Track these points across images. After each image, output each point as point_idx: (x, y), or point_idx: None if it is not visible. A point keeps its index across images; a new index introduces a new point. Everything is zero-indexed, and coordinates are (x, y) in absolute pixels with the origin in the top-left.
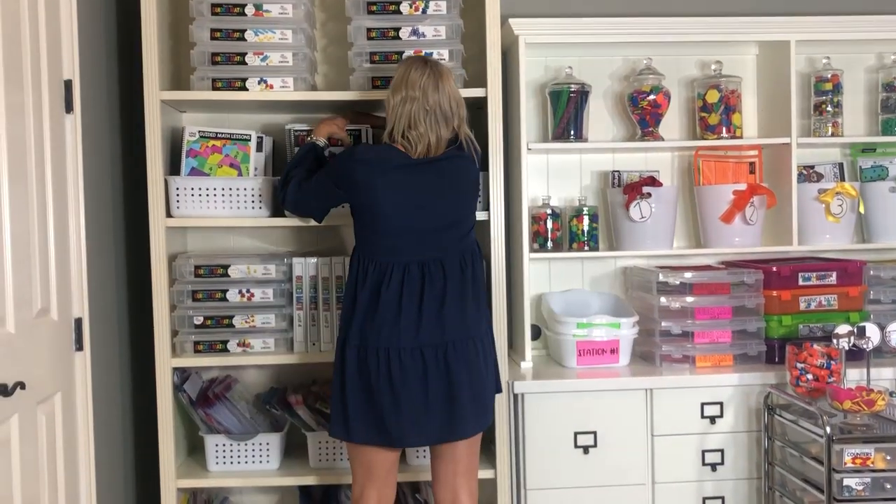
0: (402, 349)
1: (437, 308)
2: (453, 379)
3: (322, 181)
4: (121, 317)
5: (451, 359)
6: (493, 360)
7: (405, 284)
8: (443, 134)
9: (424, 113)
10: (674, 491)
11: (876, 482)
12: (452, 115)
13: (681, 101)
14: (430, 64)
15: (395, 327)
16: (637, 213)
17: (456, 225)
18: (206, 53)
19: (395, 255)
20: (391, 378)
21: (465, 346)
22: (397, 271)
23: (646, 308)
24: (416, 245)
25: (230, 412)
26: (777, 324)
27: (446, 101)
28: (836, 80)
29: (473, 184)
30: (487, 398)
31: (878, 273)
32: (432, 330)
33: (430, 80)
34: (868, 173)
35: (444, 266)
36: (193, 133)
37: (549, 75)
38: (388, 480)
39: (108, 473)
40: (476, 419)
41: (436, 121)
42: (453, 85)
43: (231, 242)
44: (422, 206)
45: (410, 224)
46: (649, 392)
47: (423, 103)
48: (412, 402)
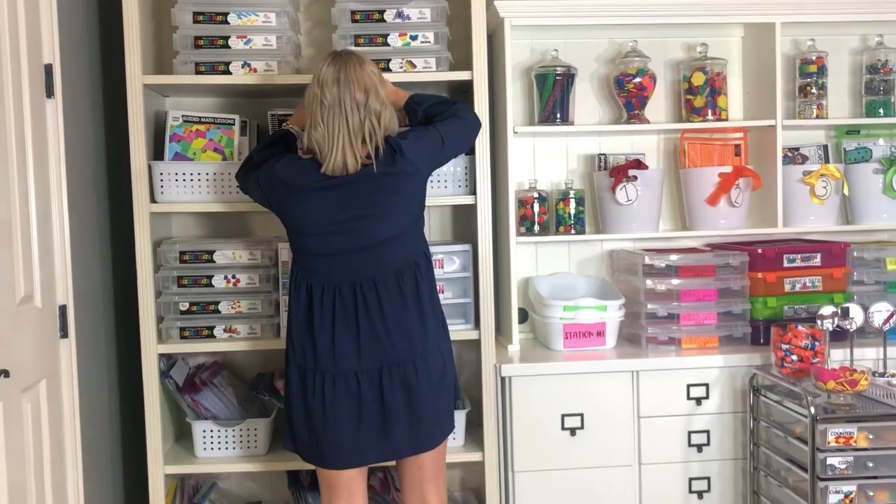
0: (336, 374)
1: (373, 331)
2: (388, 404)
3: (256, 183)
4: (106, 303)
5: (385, 383)
6: (440, 374)
7: (337, 308)
8: (351, 130)
9: (322, 109)
10: (660, 472)
11: (858, 460)
12: (359, 106)
13: (666, 83)
14: (334, 55)
15: (330, 352)
16: (623, 196)
17: (389, 241)
18: (189, 37)
19: (325, 276)
20: (324, 402)
21: (402, 369)
22: (328, 293)
23: (632, 291)
24: (345, 265)
25: (217, 398)
26: (762, 305)
27: (348, 95)
28: (821, 62)
29: (406, 195)
30: (432, 416)
31: (862, 254)
32: (368, 354)
33: (330, 72)
34: (852, 155)
35: (377, 285)
36: (177, 117)
37: (535, 58)
38: (354, 492)
39: (95, 461)
40: (418, 440)
41: (333, 117)
42: (366, 74)
43: (216, 228)
44: (347, 227)
45: (337, 245)
46: (635, 374)
47: (322, 98)
48: (344, 427)
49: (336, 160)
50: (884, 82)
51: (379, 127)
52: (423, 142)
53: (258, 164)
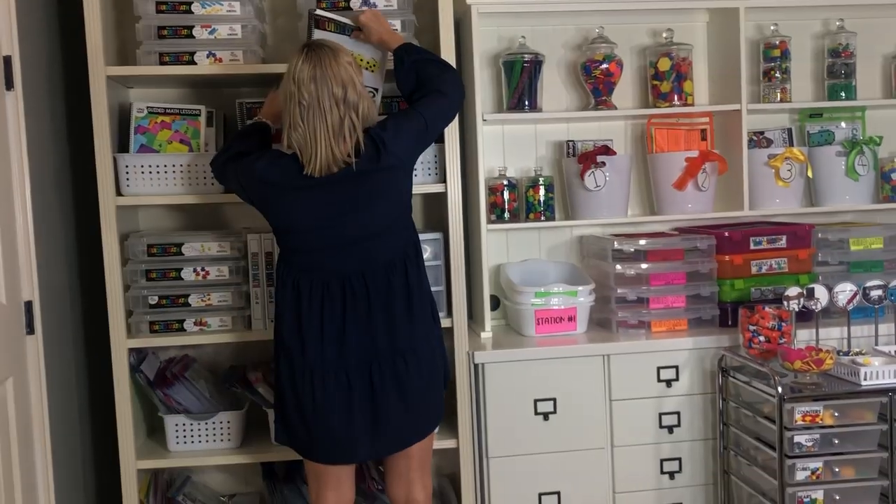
0: (326, 370)
1: (362, 325)
2: (379, 399)
3: (235, 176)
4: (73, 298)
5: (375, 378)
6: (430, 366)
7: (326, 303)
8: (330, 128)
9: (300, 109)
10: (632, 454)
11: (825, 438)
12: (338, 102)
13: (633, 69)
14: (307, 49)
15: (319, 347)
16: (592, 183)
17: (377, 234)
18: (152, 27)
19: (312, 272)
20: (314, 397)
21: (392, 362)
22: (316, 289)
23: (602, 276)
24: (333, 260)
25: (189, 392)
26: (730, 288)
27: (326, 92)
28: (784, 46)
29: (392, 188)
30: (424, 408)
31: (826, 235)
32: (356, 349)
33: (305, 68)
34: (815, 138)
35: (367, 278)
36: (141, 109)
37: (503, 45)
38: (343, 484)
39: (66, 458)
40: (409, 433)
41: (313, 116)
42: (339, 68)
43: (184, 220)
44: (334, 223)
45: (324, 241)
46: (606, 358)
47: (299, 99)
48: (336, 423)
49: (319, 161)
50: (845, 66)
51: (359, 120)
52: (406, 133)
53: (236, 155)
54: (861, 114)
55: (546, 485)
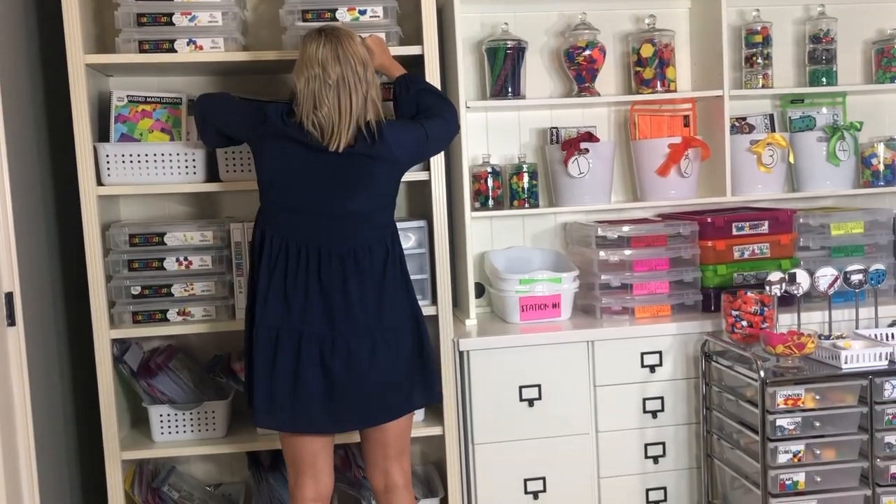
0: (304, 333)
1: (325, 298)
2: (332, 375)
3: (237, 102)
4: (55, 289)
5: (326, 353)
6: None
7: (300, 266)
8: (354, 105)
9: (327, 89)
10: (617, 439)
11: (806, 421)
12: (360, 80)
13: (616, 55)
14: (324, 33)
15: (302, 308)
16: (575, 169)
17: (355, 217)
18: (132, 14)
19: (293, 233)
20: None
21: (349, 341)
22: (301, 250)
23: (586, 262)
24: (313, 226)
25: (173, 382)
26: (713, 273)
27: (350, 70)
28: (766, 32)
29: (379, 180)
30: (391, 387)
31: (808, 221)
32: (318, 320)
33: (327, 50)
34: (797, 124)
35: (343, 256)
36: (122, 98)
37: (486, 32)
38: (321, 471)
39: (50, 449)
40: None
41: (339, 95)
42: (357, 48)
43: (166, 209)
44: (318, 190)
45: (306, 202)
46: (591, 344)
47: (325, 79)
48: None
49: (343, 137)
50: (826, 52)
51: (377, 99)
52: (408, 131)
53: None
54: (842, 99)
55: (531, 470)
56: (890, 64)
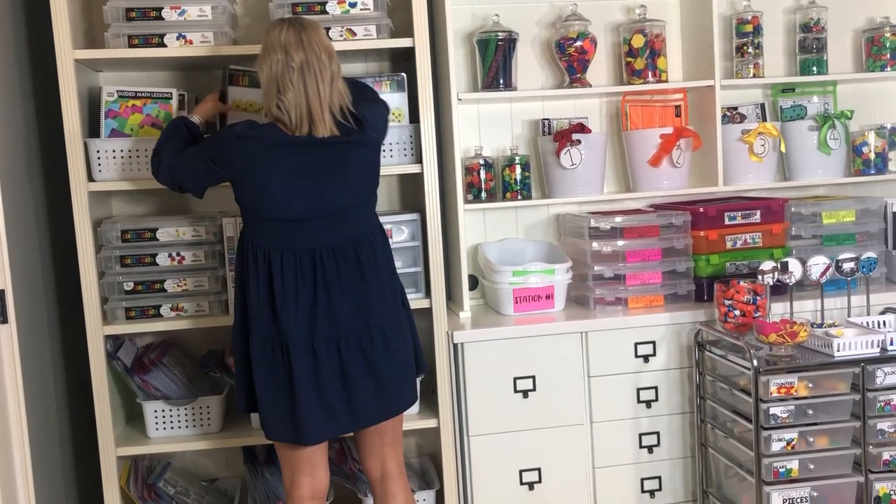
0: (298, 343)
1: (330, 300)
2: (349, 374)
3: (199, 156)
4: (47, 286)
5: (344, 353)
6: (401, 345)
7: (298, 276)
8: (321, 92)
9: (290, 72)
10: (611, 429)
11: (799, 409)
12: (325, 68)
13: (607, 46)
14: (288, 20)
15: (293, 320)
16: (567, 161)
17: (350, 210)
18: (120, 9)
19: (283, 244)
20: (291, 372)
21: (359, 338)
22: (287, 261)
23: (579, 253)
24: (305, 232)
25: (167, 377)
26: (705, 263)
27: (314, 56)
28: (756, 21)
29: (370, 164)
30: (395, 385)
31: (799, 210)
32: (326, 324)
33: (290, 35)
34: (788, 113)
35: (336, 253)
36: (111, 93)
37: (477, 24)
38: (318, 468)
39: (44, 446)
40: (383, 409)
41: (305, 79)
42: (322, 37)
43: (158, 205)
44: (308, 189)
45: (297, 209)
46: (584, 335)
47: (288, 62)
48: (312, 398)
49: (306, 123)
50: (816, 41)
51: (343, 90)
52: (376, 110)
53: (186, 143)
54: (832, 88)
55: (527, 461)
56: (880, 52)
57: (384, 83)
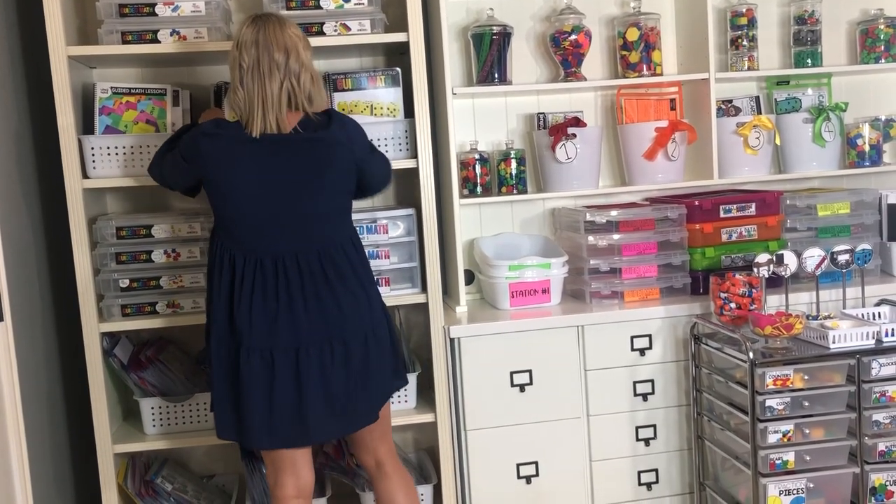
0: (251, 349)
1: (293, 309)
2: (303, 386)
3: (174, 155)
4: (43, 284)
5: (302, 364)
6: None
7: (257, 282)
8: (269, 91)
9: (241, 72)
10: (608, 422)
11: (795, 401)
12: (278, 67)
13: (602, 40)
14: (255, 17)
15: (244, 326)
16: (563, 155)
17: (315, 217)
18: (114, 5)
19: (248, 247)
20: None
21: (319, 350)
22: (249, 266)
23: (574, 247)
24: (270, 237)
25: (164, 374)
26: (701, 256)
27: (267, 56)
28: (751, 14)
29: (338, 167)
30: (353, 400)
31: (794, 202)
32: (286, 332)
33: (249, 33)
34: (783, 105)
35: (300, 262)
36: (105, 89)
37: (471, 18)
38: (301, 468)
39: (41, 444)
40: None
41: (254, 79)
42: (286, 36)
43: (153, 202)
44: (275, 191)
45: (263, 212)
46: (581, 329)
47: (240, 61)
48: (255, 404)
49: (258, 125)
50: (811, 33)
51: (300, 88)
52: (356, 125)
53: (165, 152)
54: (827, 80)
55: (524, 455)
56: (874, 44)
57: (379, 78)
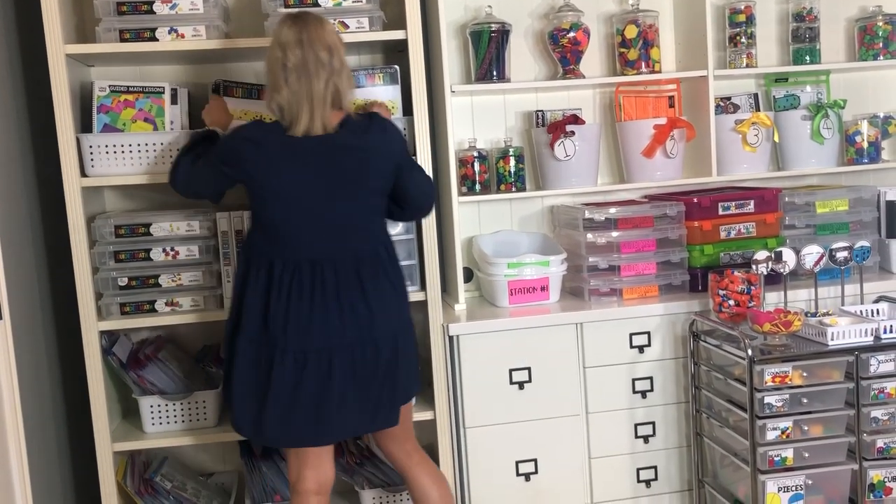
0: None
1: (325, 311)
2: (333, 386)
3: (212, 161)
4: (41, 282)
5: (334, 367)
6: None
7: (294, 285)
8: (316, 91)
9: (285, 72)
10: (607, 419)
11: (794, 397)
12: (323, 66)
13: (600, 37)
14: (293, 17)
15: (284, 329)
16: (561, 152)
17: (354, 223)
18: (112, 3)
19: (286, 249)
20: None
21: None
22: (288, 269)
23: (573, 245)
24: (307, 239)
25: (163, 372)
26: (699, 253)
27: (312, 55)
28: (749, 11)
29: (376, 173)
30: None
31: (793, 199)
32: (320, 335)
33: (291, 34)
34: (781, 102)
35: (338, 267)
36: (103, 88)
37: (469, 15)
38: (324, 462)
39: (41, 443)
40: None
41: (299, 78)
42: (327, 33)
43: (152, 200)
44: (314, 193)
45: (302, 213)
46: (579, 326)
47: (284, 62)
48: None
49: (303, 123)
50: (809, 30)
51: (341, 87)
52: (398, 132)
53: (198, 156)
54: (825, 77)
55: (523, 453)
56: (873, 41)
57: (377, 76)
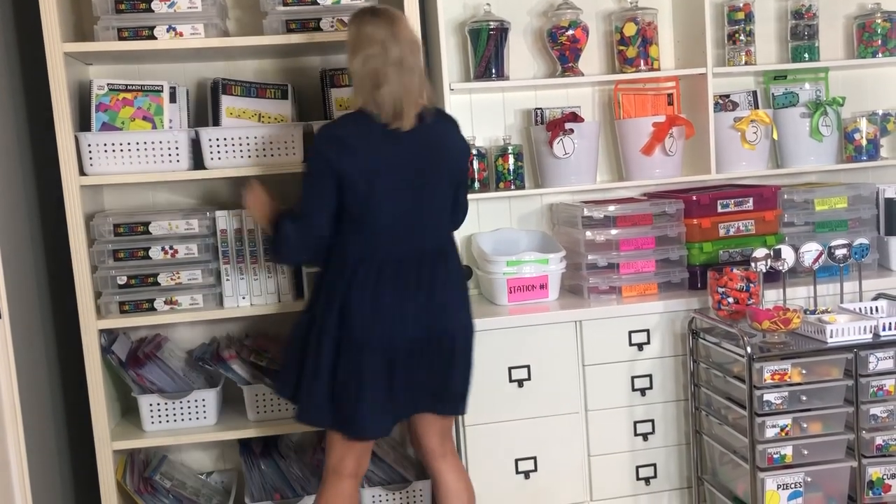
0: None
1: (414, 302)
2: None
3: (313, 182)
4: (40, 281)
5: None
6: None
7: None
8: (413, 86)
9: (387, 66)
10: (606, 417)
11: (793, 395)
12: (417, 62)
13: (599, 35)
14: (380, 14)
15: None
16: (560, 150)
17: (437, 214)
18: (110, 1)
19: (375, 246)
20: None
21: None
22: (374, 265)
23: (572, 242)
24: (395, 234)
25: (162, 371)
26: (698, 251)
27: (407, 50)
28: (748, 8)
29: (457, 170)
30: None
31: (792, 197)
32: (399, 328)
33: (385, 30)
34: (780, 100)
35: (420, 260)
36: (102, 86)
37: (468, 13)
38: (370, 449)
39: (40, 442)
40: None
41: (400, 73)
42: (410, 30)
43: (150, 198)
44: (410, 184)
45: (394, 207)
46: (579, 324)
47: (385, 58)
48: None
49: (406, 116)
50: (808, 27)
51: (426, 83)
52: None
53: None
54: (824, 75)
55: (522, 450)
56: (871, 38)
57: None
